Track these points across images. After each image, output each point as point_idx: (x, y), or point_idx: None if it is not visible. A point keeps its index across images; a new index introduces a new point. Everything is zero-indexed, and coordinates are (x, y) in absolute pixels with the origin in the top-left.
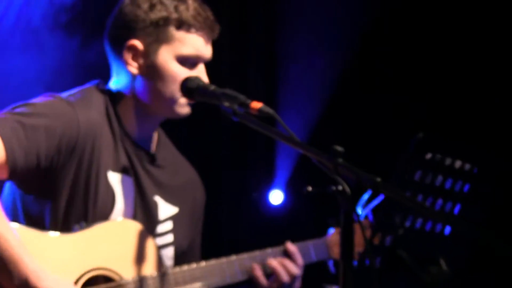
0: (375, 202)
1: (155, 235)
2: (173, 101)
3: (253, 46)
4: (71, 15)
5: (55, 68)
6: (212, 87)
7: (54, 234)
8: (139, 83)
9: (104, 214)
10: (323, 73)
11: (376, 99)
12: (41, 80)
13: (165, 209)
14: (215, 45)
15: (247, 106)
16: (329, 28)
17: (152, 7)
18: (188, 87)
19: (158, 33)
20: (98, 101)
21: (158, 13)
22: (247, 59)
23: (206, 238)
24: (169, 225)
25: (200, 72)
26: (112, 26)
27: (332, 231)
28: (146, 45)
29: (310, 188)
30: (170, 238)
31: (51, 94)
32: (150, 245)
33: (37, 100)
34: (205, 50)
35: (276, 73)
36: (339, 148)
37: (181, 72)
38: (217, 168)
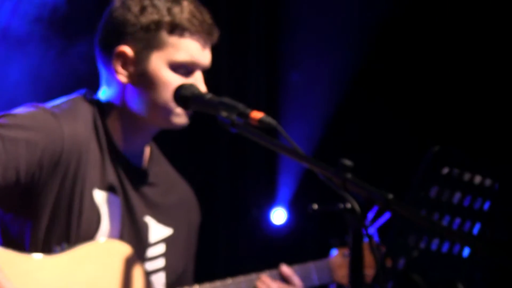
0: (381, 220)
1: (144, 259)
2: (167, 110)
3: (253, 52)
4: (57, 17)
5: (39, 75)
6: (209, 96)
7: (34, 257)
8: (130, 93)
9: (88, 236)
10: (328, 81)
11: (387, 109)
12: (24, 89)
13: (157, 231)
14: (212, 51)
15: (246, 116)
16: (335, 32)
17: (143, 10)
18: (182, 96)
19: (149, 39)
20: (85, 113)
21: (149, 17)
22: (247, 66)
23: (201, 259)
24: (161, 248)
25: (197, 80)
26: (102, 31)
27: (335, 252)
28: (136, 52)
29: (316, 206)
30: (161, 263)
31: (34, 105)
32: (138, 270)
33: (19, 110)
34: (202, 56)
35: (278, 81)
36: (347, 162)
37: (175, 80)
38: (214, 183)
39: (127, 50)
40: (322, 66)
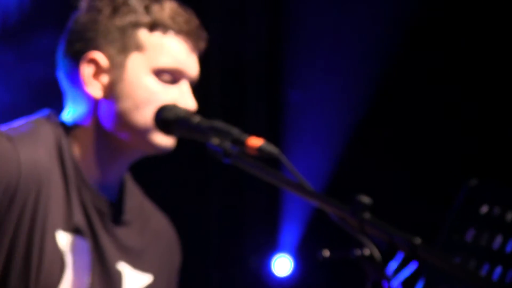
0: (407, 270)
1: None
2: (149, 129)
3: (251, 68)
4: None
5: None
6: (197, 119)
7: None
8: (103, 109)
9: (49, 286)
10: (340, 103)
11: (411, 135)
12: None
13: (134, 279)
14: (203, 64)
15: (242, 143)
16: (348, 47)
17: (115, 11)
18: (164, 119)
19: (125, 40)
20: (48, 137)
21: (124, 18)
22: (244, 84)
23: None
24: None
25: (183, 92)
26: (66, 42)
27: None
28: (110, 57)
29: (327, 253)
30: None
31: None
32: None
33: None
34: (188, 61)
35: (280, 102)
36: (365, 199)
37: (158, 89)
38: (204, 225)
39: (99, 56)
40: (333, 85)
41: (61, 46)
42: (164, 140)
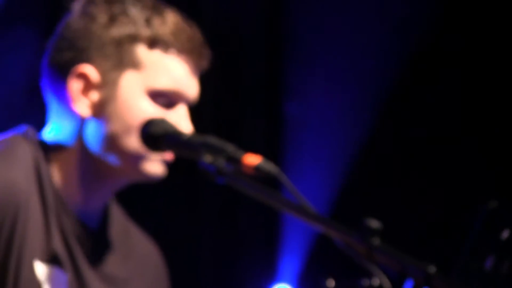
0: None
1: None
2: (139, 156)
3: (249, 77)
4: None
5: None
6: (188, 134)
7: None
8: (90, 130)
9: None
10: (345, 118)
11: (423, 153)
12: None
13: None
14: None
15: (238, 161)
16: (356, 58)
17: (112, 19)
18: (151, 134)
19: (121, 54)
20: (25, 157)
21: (121, 29)
22: (240, 94)
23: None
24: None
25: (180, 117)
26: (54, 49)
27: None
28: (102, 73)
29: (332, 283)
30: None
31: None
32: None
33: None
34: (188, 84)
35: (280, 115)
36: (374, 224)
37: (152, 113)
38: (196, 253)
39: (89, 70)
40: (337, 99)
41: (48, 52)
42: (154, 168)
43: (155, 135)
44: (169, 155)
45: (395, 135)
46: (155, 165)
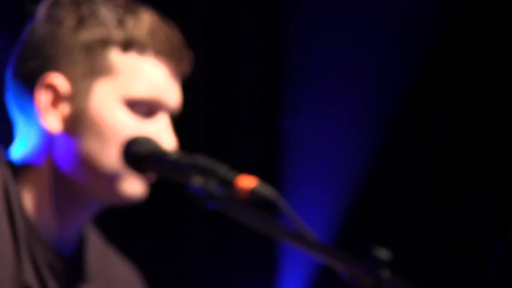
0: None
1: None
2: (117, 175)
3: (244, 90)
4: None
5: None
6: (175, 154)
7: None
8: (62, 147)
9: None
10: (351, 137)
11: (435, 177)
12: None
13: None
14: (184, 85)
15: (231, 184)
16: (360, 77)
17: (81, 22)
18: (135, 154)
19: (92, 60)
20: None
21: (91, 32)
22: (235, 110)
23: None
24: None
25: (161, 128)
26: (19, 58)
27: None
28: (73, 82)
29: None
30: None
31: None
32: None
33: None
34: (169, 89)
35: (278, 133)
36: (383, 254)
37: (130, 124)
38: (185, 286)
39: (58, 80)
40: (341, 115)
41: (12, 61)
42: (134, 188)
43: (139, 155)
44: (151, 176)
45: (403, 155)
46: (134, 185)
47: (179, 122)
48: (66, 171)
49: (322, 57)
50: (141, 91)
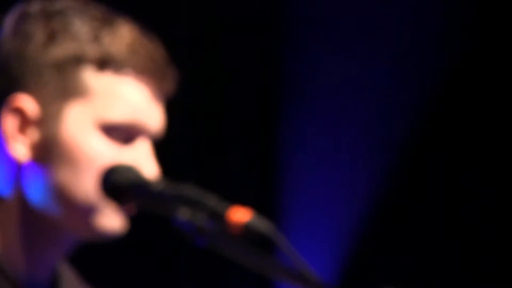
0: None
1: None
2: (92, 208)
3: (236, 109)
4: None
5: None
6: (160, 184)
7: None
8: (32, 177)
9: None
10: (355, 167)
11: (444, 208)
12: None
13: None
14: (168, 105)
15: (223, 217)
16: (364, 107)
17: (52, 37)
18: (115, 184)
19: (64, 81)
20: None
21: (63, 48)
22: (226, 133)
23: None
24: None
25: (142, 157)
26: None
27: None
28: (42, 105)
29: None
30: None
31: None
32: None
33: None
34: (150, 113)
35: (276, 159)
36: None
37: (106, 152)
38: None
39: (26, 102)
40: (344, 144)
41: None
42: (112, 222)
43: (119, 186)
44: (131, 208)
45: (412, 189)
46: (112, 219)
47: (165, 147)
48: (37, 203)
49: (322, 89)
50: (118, 115)
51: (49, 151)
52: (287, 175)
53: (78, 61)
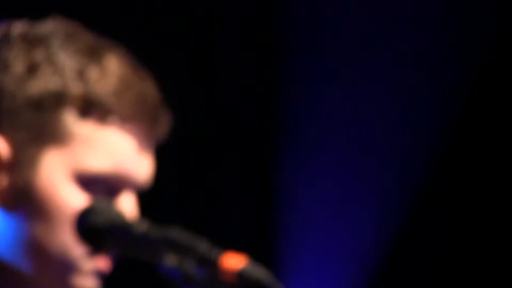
0: None
1: None
2: (66, 264)
3: (227, 137)
4: None
5: None
6: (143, 226)
7: None
8: (1, 228)
9: None
10: (365, 203)
11: (459, 253)
12: None
13: None
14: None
15: (214, 264)
16: (363, 138)
17: (32, 70)
18: (92, 226)
19: (41, 122)
20: None
21: (43, 83)
22: (217, 165)
23: None
24: None
25: (125, 207)
26: None
27: None
28: (16, 148)
29: None
30: None
31: None
32: None
33: None
34: (137, 163)
35: (274, 195)
36: None
37: (81, 207)
38: None
39: None
40: (346, 177)
41: None
42: (87, 283)
43: (97, 227)
44: (105, 264)
45: (423, 238)
46: (88, 280)
47: (151, 191)
48: (6, 258)
49: (321, 117)
50: (98, 166)
51: (21, 200)
52: (285, 218)
53: (59, 100)
